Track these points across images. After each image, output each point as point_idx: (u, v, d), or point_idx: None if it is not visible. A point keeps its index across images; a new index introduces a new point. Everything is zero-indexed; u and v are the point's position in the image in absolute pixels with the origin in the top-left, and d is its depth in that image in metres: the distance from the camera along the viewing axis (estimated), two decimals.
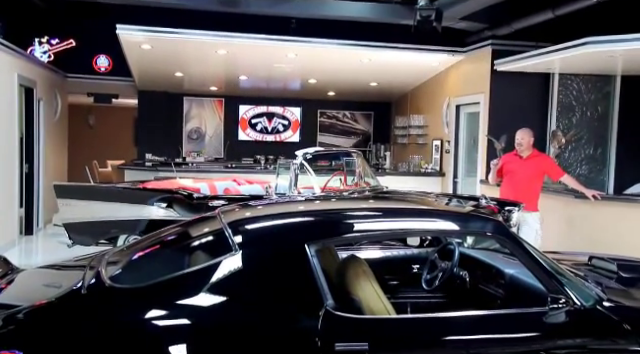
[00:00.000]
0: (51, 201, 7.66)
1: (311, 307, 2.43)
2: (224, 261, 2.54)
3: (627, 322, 2.56)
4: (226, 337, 2.38)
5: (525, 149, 6.00)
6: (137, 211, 5.92)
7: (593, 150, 8.00)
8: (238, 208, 3.50)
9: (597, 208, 6.10)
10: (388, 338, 2.48)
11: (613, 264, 3.26)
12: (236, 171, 9.57)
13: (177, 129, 12.36)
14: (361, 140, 13.13)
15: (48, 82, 9.69)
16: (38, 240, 8.74)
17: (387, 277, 3.70)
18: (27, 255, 7.71)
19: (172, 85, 11.57)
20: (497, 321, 2.65)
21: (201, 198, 6.15)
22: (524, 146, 5.99)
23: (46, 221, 9.40)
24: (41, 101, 9.18)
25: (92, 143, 14.23)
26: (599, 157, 8.00)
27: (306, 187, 6.23)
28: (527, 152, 6.01)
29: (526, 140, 5.99)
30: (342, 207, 3.31)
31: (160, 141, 11.74)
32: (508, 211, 5.54)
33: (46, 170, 9.38)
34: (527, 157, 5.99)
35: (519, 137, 6.02)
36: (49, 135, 9.70)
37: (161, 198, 5.98)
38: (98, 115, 15.28)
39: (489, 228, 2.80)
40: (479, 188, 8.33)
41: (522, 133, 6.03)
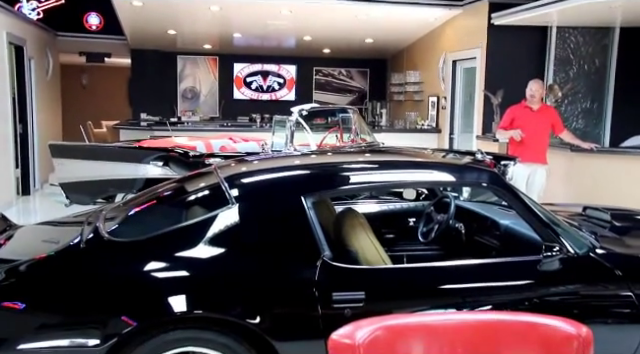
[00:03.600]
0: (47, 161, 7.65)
1: (308, 258, 2.47)
2: (221, 214, 2.56)
3: (618, 268, 2.60)
4: (224, 288, 2.41)
5: (537, 101, 5.94)
6: (133, 170, 5.92)
7: (590, 104, 7.96)
8: (234, 163, 3.50)
9: (593, 161, 6.12)
10: (384, 287, 2.53)
11: (606, 214, 3.29)
12: (232, 130, 9.53)
13: (171, 88, 12.24)
14: (357, 98, 13.04)
15: (38, 40, 9.53)
16: (35, 200, 8.76)
17: (384, 230, 3.74)
18: (25, 215, 7.74)
19: (165, 43, 11.39)
20: (492, 270, 2.69)
21: (197, 156, 6.14)
22: (537, 98, 5.92)
23: (43, 181, 9.40)
24: (32, 60, 9.04)
25: (86, 104, 14.10)
26: (595, 111, 7.98)
27: (302, 144, 6.22)
28: (538, 104, 5.95)
29: (540, 92, 5.91)
30: (338, 160, 3.32)
31: (155, 101, 11.64)
32: (504, 165, 5.56)
33: (40, 130, 9.32)
34: (538, 109, 5.94)
35: (533, 89, 5.89)
36: (42, 95, 9.60)
37: (157, 156, 5.96)
38: (91, 75, 15.09)
39: (484, 179, 2.81)
40: (475, 144, 8.33)
41: (536, 84, 5.92)
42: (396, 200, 4.27)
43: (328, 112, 8.90)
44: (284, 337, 2.38)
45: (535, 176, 5.80)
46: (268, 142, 6.92)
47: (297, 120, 6.48)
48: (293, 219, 2.56)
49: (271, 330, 2.35)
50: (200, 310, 2.35)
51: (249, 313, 2.36)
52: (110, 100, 14.64)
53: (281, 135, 6.68)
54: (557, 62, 7.93)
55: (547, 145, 5.97)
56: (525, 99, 5.98)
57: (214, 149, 6.59)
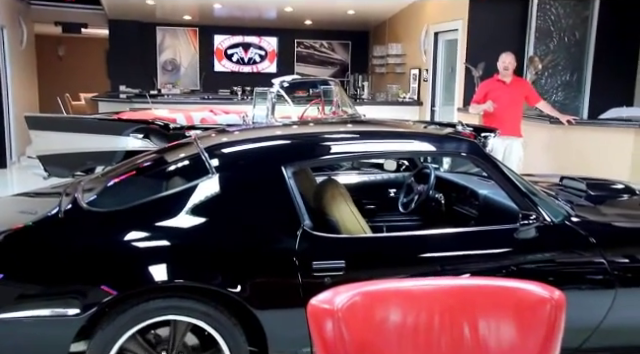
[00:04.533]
0: (24, 133, 7.52)
1: (289, 227, 2.48)
2: (201, 184, 2.55)
3: (593, 236, 2.66)
4: (205, 257, 2.42)
5: (510, 74, 5.95)
6: (113, 142, 5.85)
7: (569, 76, 8.01)
8: (214, 133, 3.49)
9: (571, 133, 6.19)
10: (364, 256, 2.56)
11: (582, 183, 3.35)
12: (213, 102, 9.44)
13: (151, 60, 12.05)
14: (339, 70, 12.97)
15: (10, 8, 9.26)
16: (12, 173, 8.64)
17: (365, 201, 3.76)
18: (2, 188, 7.63)
19: (144, 14, 11.17)
20: (470, 238, 2.73)
21: (177, 128, 6.08)
22: (510, 70, 5.93)
23: (20, 154, 9.26)
24: (4, 29, 8.81)
25: (63, 76, 13.84)
26: (575, 83, 8.03)
27: (284, 117, 6.19)
28: (510, 77, 5.97)
29: (512, 64, 5.92)
30: (319, 131, 3.31)
31: (134, 73, 11.45)
32: (484, 137, 5.60)
33: (16, 102, 9.12)
34: (510, 82, 5.96)
35: (506, 61, 5.90)
36: (16, 66, 9.38)
37: (137, 129, 5.89)
38: (68, 46, 14.77)
39: (464, 148, 2.83)
40: (456, 116, 8.36)
41: (509, 57, 5.92)
42: (377, 171, 4.29)
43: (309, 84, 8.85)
44: (265, 305, 2.40)
45: (512, 149, 5.85)
46: (249, 114, 6.87)
47: (278, 92, 6.44)
48: (273, 189, 2.56)
49: (252, 298, 2.37)
50: (181, 279, 2.36)
51: (230, 282, 2.37)
52: (88, 72, 14.38)
53: (262, 107, 6.63)
54: (538, 34, 7.93)
55: (521, 118, 6.01)
56: (498, 73, 6.00)
57: (195, 121, 6.53)
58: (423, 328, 1.70)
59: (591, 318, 2.63)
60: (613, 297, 2.60)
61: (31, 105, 10.29)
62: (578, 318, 2.59)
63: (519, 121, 5.97)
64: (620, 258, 2.64)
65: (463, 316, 1.72)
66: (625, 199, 3.34)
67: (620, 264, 2.63)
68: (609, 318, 2.61)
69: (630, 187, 3.44)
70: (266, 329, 2.40)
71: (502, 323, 1.71)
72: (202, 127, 6.11)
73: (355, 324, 1.65)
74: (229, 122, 6.58)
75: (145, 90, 10.54)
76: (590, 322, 2.63)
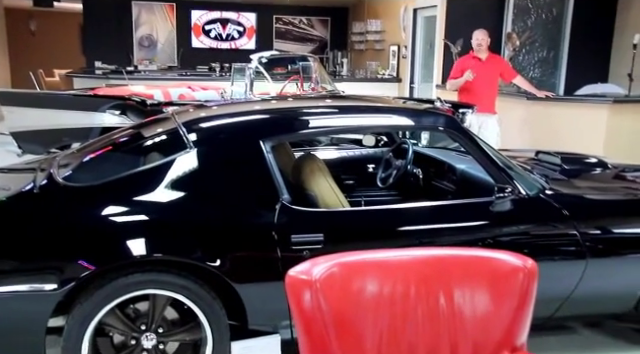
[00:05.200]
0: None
1: (267, 201, 2.48)
2: (179, 158, 2.54)
3: (566, 208, 2.71)
4: (184, 231, 2.42)
5: (484, 50, 5.97)
6: (89, 118, 5.76)
7: (546, 53, 8.07)
8: (192, 108, 3.46)
9: (548, 109, 6.27)
10: (343, 229, 2.57)
11: (557, 157, 3.40)
12: (191, 79, 9.35)
13: (127, 36, 11.84)
14: (318, 47, 12.89)
15: None
16: None
17: (343, 177, 3.78)
18: None
19: None
20: (447, 211, 2.77)
21: (155, 104, 6.00)
22: (483, 47, 5.95)
23: None
24: None
25: (36, 51, 13.53)
26: (551, 60, 8.09)
27: (262, 93, 6.16)
28: (486, 54, 6.00)
29: (485, 41, 5.95)
30: (297, 105, 3.30)
31: (109, 49, 11.25)
32: (462, 113, 5.65)
33: None
34: (486, 59, 5.98)
35: (480, 38, 5.93)
36: None
37: (114, 105, 5.81)
38: (40, 21, 14.41)
39: (441, 122, 2.85)
40: (435, 93, 8.40)
41: (482, 34, 5.95)
42: (355, 147, 4.30)
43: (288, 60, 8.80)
44: (244, 279, 2.41)
45: (487, 126, 5.90)
46: (227, 91, 6.82)
47: (257, 68, 6.40)
48: (251, 163, 2.56)
49: (231, 272, 2.38)
50: (160, 253, 2.36)
51: (209, 256, 2.38)
52: (62, 48, 14.07)
53: (240, 84, 6.59)
54: (516, 11, 7.95)
55: (496, 94, 6.05)
56: (473, 49, 6.02)
57: (172, 97, 6.46)
58: (399, 298, 1.74)
59: (563, 288, 2.70)
60: (584, 267, 2.66)
61: (3, 80, 10.08)
62: (551, 288, 2.67)
63: (494, 98, 6.01)
64: (591, 230, 2.70)
65: (439, 285, 1.75)
66: (598, 172, 3.40)
67: (591, 235, 2.69)
68: (580, 288, 2.68)
69: (602, 161, 3.51)
70: (245, 303, 2.42)
71: (477, 292, 1.75)
72: (180, 103, 6.05)
73: (333, 294, 1.68)
74: (207, 99, 6.52)
75: (121, 66, 10.37)
76: (562, 292, 2.70)
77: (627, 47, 7.14)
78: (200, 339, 2.44)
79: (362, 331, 1.69)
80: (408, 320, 1.72)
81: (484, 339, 1.72)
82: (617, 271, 2.78)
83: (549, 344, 2.94)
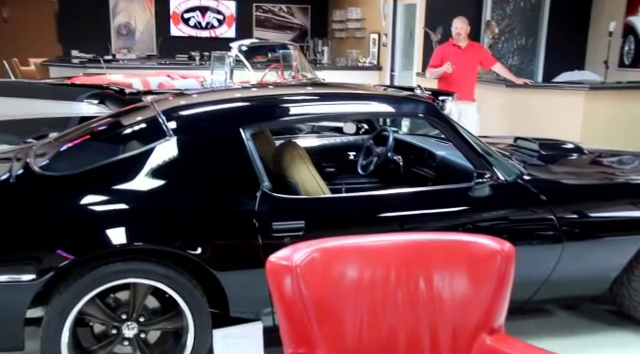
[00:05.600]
0: None
1: (248, 189, 2.48)
2: (158, 147, 2.52)
3: (543, 193, 2.75)
4: (164, 220, 2.41)
5: (464, 38, 6.00)
6: (66, 108, 5.67)
7: (525, 40, 8.13)
8: (172, 97, 3.43)
9: (527, 96, 6.32)
10: (324, 216, 2.58)
11: (535, 143, 3.44)
12: (170, 67, 9.25)
13: (104, 24, 11.66)
14: (298, 35, 12.82)
15: None
16: None
17: (324, 164, 3.78)
18: None
19: None
20: (427, 197, 2.79)
21: (134, 93, 5.93)
22: (463, 35, 5.97)
23: None
24: None
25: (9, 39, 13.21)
26: (530, 47, 8.16)
27: (242, 81, 6.12)
28: (465, 42, 6.02)
29: (465, 29, 5.97)
30: (277, 93, 3.29)
31: (86, 37, 11.08)
32: (442, 101, 5.67)
33: None
34: (465, 47, 6.01)
35: (459, 26, 5.94)
36: None
37: (92, 94, 5.72)
38: (14, 8, 14.06)
39: (421, 109, 2.87)
40: (415, 81, 8.42)
41: (461, 22, 5.96)
42: (336, 135, 4.30)
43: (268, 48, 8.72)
44: (225, 267, 2.42)
45: (467, 113, 5.95)
46: (207, 79, 6.77)
47: (237, 56, 6.35)
48: (232, 151, 2.55)
49: (212, 260, 2.38)
50: (140, 242, 2.35)
51: (190, 244, 2.37)
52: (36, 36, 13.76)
53: (220, 72, 6.55)
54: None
55: (475, 82, 6.09)
56: (452, 37, 6.04)
57: (152, 86, 6.39)
58: (380, 282, 1.75)
59: (541, 271, 2.74)
60: (561, 251, 2.71)
61: None
62: (529, 272, 2.71)
63: (473, 86, 6.05)
64: (568, 214, 2.75)
65: (418, 270, 1.77)
66: (574, 158, 3.45)
67: (568, 220, 2.74)
68: (557, 271, 2.73)
69: (579, 146, 3.56)
70: (227, 290, 2.42)
71: (455, 276, 1.77)
72: (159, 92, 5.99)
73: (313, 280, 1.69)
74: (187, 87, 6.47)
75: (99, 55, 10.22)
76: (540, 275, 2.75)
77: (603, 35, 7.23)
78: (182, 327, 2.44)
79: (343, 316, 1.70)
80: (388, 304, 1.74)
81: (463, 322, 1.75)
82: (592, 254, 2.84)
83: (527, 327, 2.99)
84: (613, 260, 2.83)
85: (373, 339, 1.72)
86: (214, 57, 6.82)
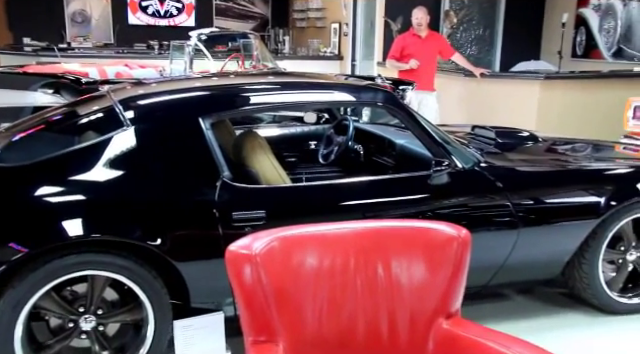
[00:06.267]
0: None
1: (207, 179, 2.47)
2: (115, 137, 2.47)
3: (499, 180, 2.81)
4: (123, 211, 2.37)
5: (424, 28, 6.05)
6: (19, 97, 5.50)
7: (482, 31, 8.26)
8: (129, 86, 3.37)
9: (484, 85, 6.44)
10: (284, 205, 2.58)
11: (492, 132, 3.51)
12: (128, 56, 9.07)
13: (58, 11, 11.31)
14: (259, 24, 12.71)
15: None
16: None
17: (285, 154, 3.78)
18: None
19: None
20: (387, 185, 2.82)
21: (90, 83, 5.78)
22: (423, 25, 6.03)
23: None
24: None
25: None
26: (488, 37, 8.30)
27: (202, 71, 6.05)
28: (425, 32, 6.08)
29: (425, 19, 6.02)
30: (238, 82, 3.27)
31: (39, 24, 10.73)
32: (402, 90, 5.73)
33: None
34: (425, 37, 6.07)
35: (419, 17, 5.99)
36: None
37: (46, 83, 5.57)
38: None
39: (380, 98, 2.89)
40: (376, 70, 8.47)
41: (422, 12, 6.01)
42: (297, 124, 4.30)
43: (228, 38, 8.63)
44: (186, 257, 2.40)
45: (427, 103, 6.02)
46: (167, 69, 6.66)
47: (196, 45, 6.27)
48: (191, 140, 2.53)
49: (173, 251, 2.36)
50: (97, 233, 2.31)
51: (149, 235, 2.35)
52: None
53: (180, 62, 6.45)
54: None
55: (435, 72, 6.17)
56: (412, 27, 6.10)
57: (109, 76, 6.24)
58: (339, 270, 1.77)
59: (498, 256, 2.81)
60: (516, 236, 2.78)
61: None
62: (487, 257, 2.78)
63: (433, 75, 6.13)
64: (523, 200, 2.82)
65: (377, 257, 1.80)
66: (529, 146, 3.54)
67: (523, 206, 2.81)
68: (513, 256, 2.80)
69: (534, 134, 3.65)
70: (187, 281, 2.40)
71: (413, 262, 1.80)
72: (117, 81, 5.86)
73: (273, 268, 1.69)
74: (146, 77, 6.35)
75: (53, 43, 9.92)
76: (497, 260, 2.81)
77: (556, 26, 7.42)
78: (141, 319, 2.41)
79: (302, 303, 1.71)
80: (348, 291, 1.76)
81: (420, 307, 1.78)
82: (546, 239, 2.92)
83: (484, 311, 3.07)
84: (566, 244, 2.92)
85: (333, 326, 1.74)
86: (173, 46, 6.72)
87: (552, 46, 7.70)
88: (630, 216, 2.96)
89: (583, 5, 7.68)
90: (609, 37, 7.40)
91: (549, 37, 8.02)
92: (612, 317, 3.06)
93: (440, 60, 6.47)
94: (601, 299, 3.03)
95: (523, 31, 7.97)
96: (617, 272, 3.09)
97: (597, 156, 3.56)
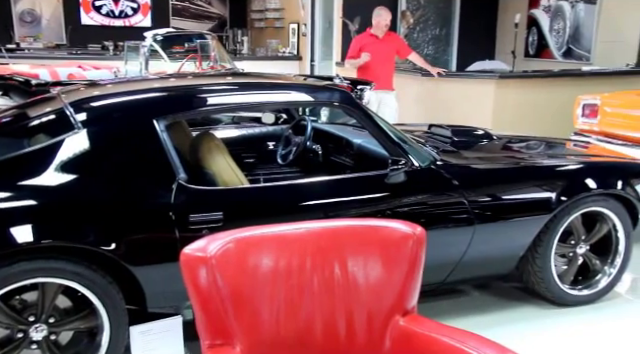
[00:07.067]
0: None
1: (163, 181, 2.42)
2: (67, 140, 2.41)
3: (455, 178, 2.86)
4: (75, 215, 2.31)
5: (385, 28, 6.10)
6: None
7: (439, 31, 8.39)
8: (82, 87, 3.29)
9: (442, 84, 6.54)
10: (242, 206, 2.56)
11: (448, 130, 3.57)
12: (82, 58, 8.86)
13: (5, 10, 10.94)
14: (217, 25, 12.59)
15: None
16: None
17: (244, 155, 3.76)
18: None
19: None
20: (344, 185, 2.83)
21: (41, 84, 5.63)
22: (388, 25, 6.09)
23: None
24: None
25: None
26: (444, 37, 8.44)
27: (159, 72, 5.96)
28: (384, 32, 6.13)
29: (389, 19, 6.08)
30: (194, 83, 3.23)
31: None
32: (360, 90, 5.76)
33: None
34: (382, 37, 6.12)
35: (387, 19, 6.02)
36: None
37: None
38: None
39: (336, 98, 2.89)
40: (335, 70, 8.50)
41: (389, 14, 6.07)
42: (255, 125, 4.28)
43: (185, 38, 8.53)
44: (142, 262, 2.35)
45: (386, 102, 6.07)
46: (122, 70, 6.54)
47: (151, 46, 6.18)
48: (145, 143, 2.48)
49: (128, 255, 2.31)
50: (48, 239, 2.24)
51: (103, 240, 2.29)
52: None
53: (135, 63, 6.34)
54: None
55: (393, 71, 6.23)
56: (371, 27, 6.14)
57: (61, 77, 6.09)
58: (296, 270, 1.77)
59: (455, 253, 2.85)
60: (472, 233, 2.83)
61: None
62: (444, 254, 2.82)
63: (391, 75, 6.18)
64: (478, 197, 2.87)
65: (334, 256, 1.80)
66: (484, 143, 3.60)
67: (478, 203, 2.86)
68: (469, 252, 2.85)
69: (488, 132, 3.72)
70: (144, 285, 2.36)
71: (369, 260, 1.81)
72: (69, 83, 5.72)
73: (229, 270, 1.68)
74: (100, 78, 6.22)
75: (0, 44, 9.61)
76: (454, 257, 2.86)
77: (510, 26, 7.58)
78: (96, 326, 2.36)
79: (259, 305, 1.70)
80: (305, 292, 1.76)
81: (377, 305, 1.79)
82: (502, 235, 2.98)
83: (442, 307, 3.12)
84: (520, 240, 2.99)
85: (291, 327, 1.74)
86: (128, 47, 6.59)
87: (506, 46, 7.88)
88: (579, 210, 3.05)
89: (534, 6, 7.89)
90: (559, 37, 7.62)
91: (503, 37, 8.20)
92: (563, 309, 3.15)
93: (398, 60, 6.54)
94: (553, 292, 3.11)
95: (478, 31, 8.14)
96: (568, 265, 3.18)
97: (549, 153, 3.66)
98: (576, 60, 7.36)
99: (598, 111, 4.95)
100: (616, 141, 4.71)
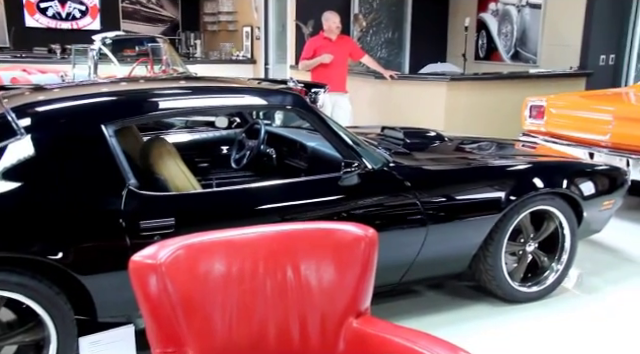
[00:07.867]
0: None
1: (112, 187, 2.37)
2: (10, 146, 2.33)
3: (407, 180, 2.89)
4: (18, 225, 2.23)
5: (337, 31, 6.15)
6: None
7: (391, 34, 8.50)
8: (27, 92, 3.19)
9: (395, 87, 6.62)
10: (194, 212, 2.53)
11: (400, 132, 3.61)
12: (27, 61, 8.58)
13: None
14: (169, 28, 12.41)
15: None
16: None
17: (197, 159, 3.71)
18: None
19: None
20: (298, 188, 2.82)
21: None
22: (340, 29, 6.15)
23: None
24: None
25: None
26: (396, 41, 8.55)
27: (109, 76, 5.83)
28: (336, 35, 6.18)
29: (338, 21, 6.13)
30: (145, 87, 3.17)
31: None
32: (314, 93, 5.78)
33: None
34: (335, 39, 6.16)
35: (337, 21, 6.10)
36: None
37: None
38: None
39: (289, 101, 2.89)
40: (289, 73, 8.50)
41: (336, 17, 6.12)
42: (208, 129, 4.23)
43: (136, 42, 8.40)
44: (91, 270, 2.29)
45: (340, 105, 6.12)
46: (69, 74, 6.38)
47: (100, 49, 6.05)
48: (93, 148, 2.42)
49: (76, 265, 2.25)
50: None
51: (50, 249, 2.22)
52: None
53: (84, 66, 6.20)
54: None
55: (346, 74, 6.30)
56: (323, 30, 6.19)
57: (4, 81, 5.91)
58: (248, 275, 1.75)
59: (408, 254, 2.88)
60: (425, 234, 2.87)
61: None
62: (398, 255, 2.85)
63: (345, 77, 6.24)
64: (431, 198, 2.91)
65: (286, 260, 1.79)
66: (436, 145, 3.66)
67: (431, 204, 2.90)
68: (423, 253, 2.88)
69: (440, 134, 3.78)
70: (93, 295, 2.30)
71: (322, 263, 1.81)
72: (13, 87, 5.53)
73: (179, 277, 1.65)
74: (47, 82, 6.04)
75: None
76: (408, 258, 2.89)
77: (460, 29, 7.75)
78: (43, 339, 2.28)
79: (211, 311, 1.68)
80: (258, 296, 1.74)
81: (331, 308, 1.79)
82: (454, 235, 3.03)
83: (398, 308, 3.15)
84: (472, 239, 3.04)
85: (243, 332, 1.72)
86: (75, 51, 6.43)
87: (457, 49, 8.04)
88: (528, 209, 3.13)
89: (483, 10, 8.08)
90: (507, 41, 7.83)
91: (454, 40, 8.37)
92: (514, 306, 3.23)
93: (351, 63, 6.59)
94: (504, 289, 3.18)
95: (430, 34, 8.28)
96: (518, 263, 3.26)
97: (499, 154, 3.74)
98: (524, 63, 7.58)
99: (544, 112, 5.10)
100: (561, 141, 4.87)
